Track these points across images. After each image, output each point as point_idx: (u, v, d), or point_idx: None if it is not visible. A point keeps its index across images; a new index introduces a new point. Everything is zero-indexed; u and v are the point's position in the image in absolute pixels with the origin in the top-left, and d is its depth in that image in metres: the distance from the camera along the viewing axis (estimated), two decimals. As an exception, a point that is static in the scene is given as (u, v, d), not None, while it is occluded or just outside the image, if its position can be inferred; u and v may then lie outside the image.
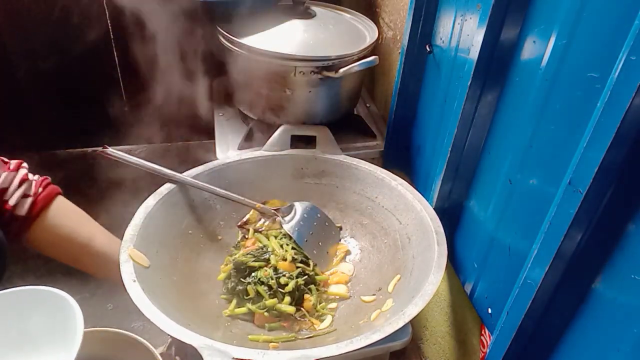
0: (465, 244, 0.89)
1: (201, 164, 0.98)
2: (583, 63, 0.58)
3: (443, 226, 0.86)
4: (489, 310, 0.80)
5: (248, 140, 1.15)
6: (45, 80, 1.59)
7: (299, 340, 0.81)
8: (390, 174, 0.99)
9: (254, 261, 0.89)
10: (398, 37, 1.21)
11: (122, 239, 0.79)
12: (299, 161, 1.04)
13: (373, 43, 1.13)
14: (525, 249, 0.66)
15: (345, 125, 1.19)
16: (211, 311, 0.85)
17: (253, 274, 0.87)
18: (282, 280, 0.86)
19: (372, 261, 0.96)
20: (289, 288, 0.85)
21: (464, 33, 0.84)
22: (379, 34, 1.19)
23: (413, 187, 0.96)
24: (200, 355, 0.64)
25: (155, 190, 0.90)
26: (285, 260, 0.89)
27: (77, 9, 1.48)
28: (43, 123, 1.68)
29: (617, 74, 0.47)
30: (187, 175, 0.94)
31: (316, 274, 0.91)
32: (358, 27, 1.20)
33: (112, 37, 1.55)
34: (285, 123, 1.06)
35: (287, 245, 0.93)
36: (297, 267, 0.89)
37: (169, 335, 0.67)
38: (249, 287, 0.86)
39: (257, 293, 0.85)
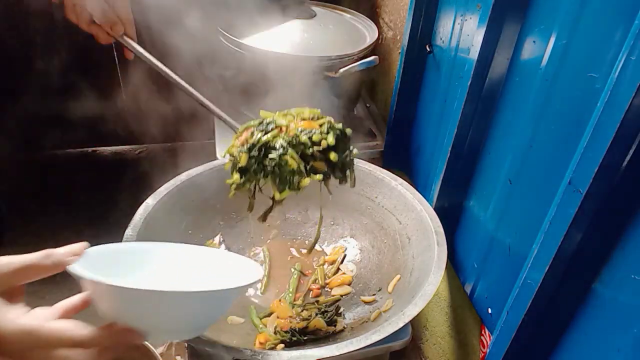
0: (465, 244, 0.89)
1: (201, 164, 0.98)
2: (583, 63, 0.58)
3: (443, 226, 0.86)
4: (489, 310, 0.80)
5: (248, 140, 1.14)
6: (45, 79, 1.59)
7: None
8: (390, 173, 0.99)
9: (264, 134, 0.69)
10: (398, 37, 1.21)
11: (122, 238, 0.79)
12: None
13: (373, 43, 1.13)
14: (525, 249, 0.66)
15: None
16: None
17: (274, 147, 0.68)
18: (315, 137, 0.68)
19: (372, 261, 0.96)
20: (329, 141, 0.68)
21: (464, 33, 0.84)
22: (379, 34, 1.19)
23: (413, 187, 0.96)
24: (200, 355, 0.64)
25: (156, 189, 0.90)
26: (304, 119, 0.72)
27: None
28: (42, 123, 1.68)
29: (617, 74, 0.47)
30: (187, 175, 0.94)
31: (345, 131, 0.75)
32: (358, 27, 1.20)
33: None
34: (285, 123, 1.06)
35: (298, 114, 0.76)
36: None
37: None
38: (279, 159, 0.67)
39: (289, 169, 0.68)
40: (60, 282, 0.67)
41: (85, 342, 0.45)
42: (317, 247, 1.03)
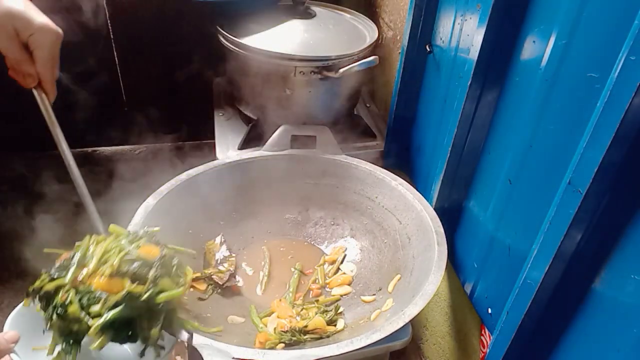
0: (465, 244, 0.89)
1: (201, 164, 0.98)
2: (583, 63, 0.58)
3: (443, 226, 0.86)
4: (489, 310, 0.80)
5: (248, 140, 1.15)
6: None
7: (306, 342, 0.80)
8: (390, 173, 0.99)
9: (49, 280, 0.60)
10: (398, 37, 1.21)
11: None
12: (298, 161, 1.04)
13: (373, 43, 1.13)
14: (525, 249, 0.66)
15: (345, 125, 1.19)
16: (212, 311, 0.85)
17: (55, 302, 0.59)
18: (92, 309, 0.58)
19: (372, 261, 0.96)
20: (101, 323, 0.57)
21: (464, 33, 0.84)
22: (379, 34, 1.19)
23: (413, 187, 0.96)
24: (201, 355, 0.64)
25: (156, 189, 0.90)
26: (103, 275, 0.60)
27: (77, 8, 1.48)
28: (42, 123, 1.68)
29: (617, 74, 0.47)
30: (187, 175, 0.94)
31: (158, 299, 0.62)
32: (358, 27, 1.20)
33: (111, 36, 1.55)
34: (285, 123, 1.06)
35: (121, 252, 0.64)
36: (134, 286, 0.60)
37: (169, 335, 0.67)
38: (52, 321, 0.59)
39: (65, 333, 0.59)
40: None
41: None
42: (317, 246, 1.03)
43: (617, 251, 0.53)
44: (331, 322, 0.83)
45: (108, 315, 0.58)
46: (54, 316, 0.59)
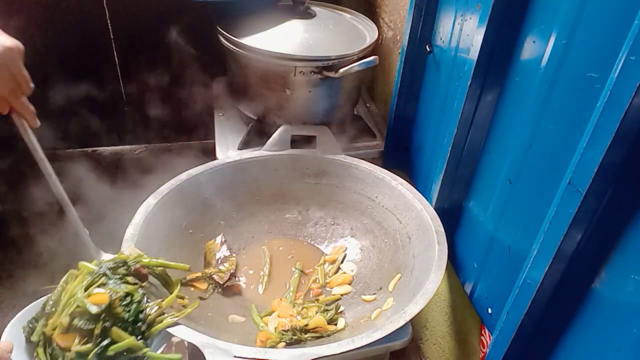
0: (465, 244, 0.89)
1: (201, 164, 0.98)
2: (583, 63, 0.58)
3: (443, 226, 0.86)
4: (489, 310, 0.80)
5: (248, 140, 1.15)
6: (46, 80, 1.59)
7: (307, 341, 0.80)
8: (390, 173, 0.99)
9: (29, 333, 0.64)
10: (398, 37, 1.21)
11: (123, 238, 0.80)
12: (299, 161, 1.04)
13: (373, 43, 1.13)
14: (525, 249, 0.66)
15: (345, 125, 1.19)
16: (213, 310, 0.85)
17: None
18: None
19: (372, 260, 0.96)
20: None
21: (464, 33, 0.84)
22: (379, 34, 1.19)
23: (413, 187, 0.96)
24: (203, 354, 0.64)
25: (156, 189, 0.90)
26: (56, 328, 0.61)
27: (77, 9, 1.48)
28: (43, 123, 1.67)
29: (617, 74, 0.47)
30: (187, 175, 0.94)
31: (109, 351, 0.62)
32: (358, 27, 1.21)
33: (111, 36, 1.55)
34: (285, 123, 1.06)
35: (73, 304, 0.63)
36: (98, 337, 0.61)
37: (170, 334, 0.67)
38: None
39: None
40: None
41: None
42: (317, 246, 1.03)
43: (617, 251, 0.53)
44: (332, 321, 0.83)
45: None
46: None
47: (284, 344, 0.77)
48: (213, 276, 0.89)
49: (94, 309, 0.61)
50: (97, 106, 1.64)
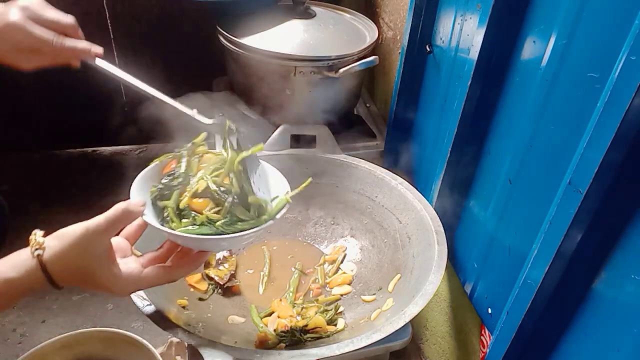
0: (465, 244, 0.89)
1: (201, 164, 0.98)
2: (583, 63, 0.58)
3: (443, 226, 0.86)
4: (489, 310, 0.80)
5: (248, 140, 1.15)
6: (47, 80, 1.59)
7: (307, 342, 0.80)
8: (390, 173, 0.99)
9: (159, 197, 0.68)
10: (398, 37, 1.21)
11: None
12: (299, 161, 1.04)
13: (373, 43, 1.13)
14: (525, 249, 0.66)
15: (345, 125, 1.19)
16: (213, 311, 0.85)
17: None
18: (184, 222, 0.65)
19: (372, 260, 0.96)
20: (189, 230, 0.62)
21: (464, 33, 0.84)
22: (379, 34, 1.19)
23: (413, 186, 0.96)
24: (201, 355, 0.64)
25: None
26: (196, 195, 0.66)
27: (77, 9, 1.48)
28: (43, 123, 1.68)
29: (617, 74, 0.47)
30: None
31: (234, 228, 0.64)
32: (358, 27, 1.20)
33: (111, 36, 1.55)
34: (285, 123, 1.06)
35: (210, 176, 0.69)
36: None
37: (169, 335, 0.67)
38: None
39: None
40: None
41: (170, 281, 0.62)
42: (317, 246, 1.03)
43: (617, 251, 0.53)
44: (331, 322, 0.83)
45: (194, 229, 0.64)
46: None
47: (283, 344, 0.77)
48: (213, 277, 0.89)
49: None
50: (97, 106, 1.64)
